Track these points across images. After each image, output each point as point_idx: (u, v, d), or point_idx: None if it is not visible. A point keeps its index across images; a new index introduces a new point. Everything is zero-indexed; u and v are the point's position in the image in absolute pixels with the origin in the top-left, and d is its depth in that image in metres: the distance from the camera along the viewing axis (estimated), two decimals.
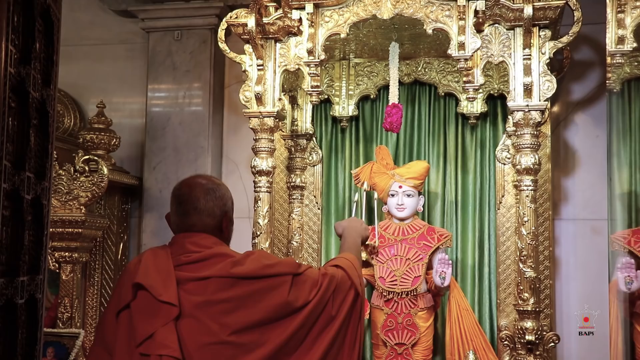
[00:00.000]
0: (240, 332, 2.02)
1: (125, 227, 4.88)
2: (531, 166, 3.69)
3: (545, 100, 3.66)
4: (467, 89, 3.75)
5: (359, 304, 2.26)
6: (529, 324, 3.65)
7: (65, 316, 3.99)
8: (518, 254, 3.76)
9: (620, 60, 3.51)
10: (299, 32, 3.83)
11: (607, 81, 3.72)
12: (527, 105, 3.63)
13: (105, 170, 4.07)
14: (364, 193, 3.95)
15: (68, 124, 5.02)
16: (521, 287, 3.70)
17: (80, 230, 4.01)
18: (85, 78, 5.22)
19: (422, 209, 4.27)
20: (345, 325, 2.19)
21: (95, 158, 4.13)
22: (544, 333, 3.71)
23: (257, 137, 4.00)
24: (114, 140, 4.60)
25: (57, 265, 4.09)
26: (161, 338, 1.97)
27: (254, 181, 4.02)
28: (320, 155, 4.68)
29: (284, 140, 4.59)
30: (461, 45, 3.57)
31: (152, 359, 1.95)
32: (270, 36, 3.87)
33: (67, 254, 4.03)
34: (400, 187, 4.15)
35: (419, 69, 4.53)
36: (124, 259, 4.81)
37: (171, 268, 2.08)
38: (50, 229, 2.94)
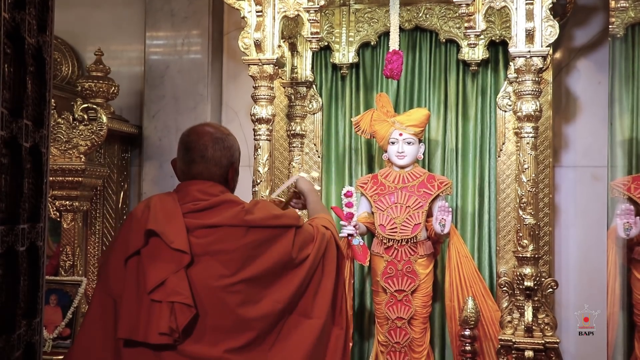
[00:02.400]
0: (249, 280, 2.04)
1: (126, 175, 4.88)
2: (532, 113, 3.67)
3: (547, 46, 3.63)
4: (469, 35, 3.71)
5: (343, 264, 2.38)
6: (527, 270, 3.68)
7: (67, 264, 4.02)
8: (518, 201, 3.77)
9: (624, 5, 3.47)
10: None
11: (610, 26, 3.69)
12: (529, 52, 3.60)
13: (105, 119, 4.05)
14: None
15: (66, 72, 4.98)
16: (520, 234, 3.72)
17: (80, 179, 4.01)
18: (82, 25, 5.16)
19: (422, 156, 4.26)
20: (336, 283, 2.28)
21: (94, 106, 4.11)
22: (543, 279, 3.74)
23: (257, 85, 3.98)
24: (113, 88, 4.57)
25: (58, 213, 4.10)
26: (173, 285, 1.98)
27: (253, 129, 4.01)
28: (320, 103, 4.65)
29: (284, 88, 4.57)
30: None
31: (163, 305, 1.97)
32: None
33: (67, 202, 4.04)
34: (400, 134, 4.14)
35: (420, 14, 4.48)
36: (125, 208, 4.82)
37: (180, 215, 2.08)
38: (50, 178, 2.95)
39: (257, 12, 3.86)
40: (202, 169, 2.19)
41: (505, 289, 3.84)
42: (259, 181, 3.97)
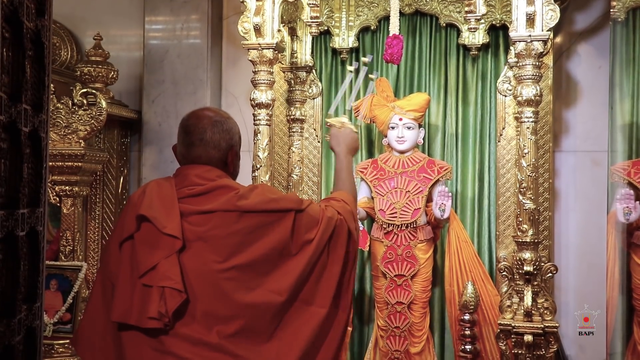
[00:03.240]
0: (242, 267, 2.03)
1: (125, 160, 4.87)
2: (532, 98, 3.66)
3: (548, 30, 3.61)
4: (469, 20, 3.70)
5: (352, 251, 2.28)
6: (527, 255, 3.68)
7: (67, 249, 4.03)
8: (518, 186, 3.76)
9: None
10: None
11: (611, 10, 3.68)
12: (530, 36, 3.58)
13: (104, 104, 4.04)
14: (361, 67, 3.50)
15: (65, 57, 4.96)
16: (520, 219, 3.72)
17: (80, 164, 4.00)
18: (81, 9, 5.14)
19: (422, 141, 4.26)
20: (343, 269, 2.22)
21: (94, 91, 4.10)
22: (542, 264, 3.74)
23: (256, 70, 3.97)
24: (112, 73, 4.56)
25: (58, 199, 4.10)
26: (164, 270, 1.98)
27: (253, 114, 4.01)
28: (320, 88, 4.64)
29: (284, 72, 4.55)
30: None
31: (154, 290, 1.97)
32: None
33: (67, 187, 4.04)
34: (400, 119, 4.13)
35: None
36: (125, 193, 4.82)
37: (175, 200, 2.08)
38: (50, 163, 2.94)
39: None
40: (200, 152, 2.19)
41: (504, 273, 3.85)
42: (258, 166, 3.96)
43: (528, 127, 3.70)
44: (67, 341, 3.71)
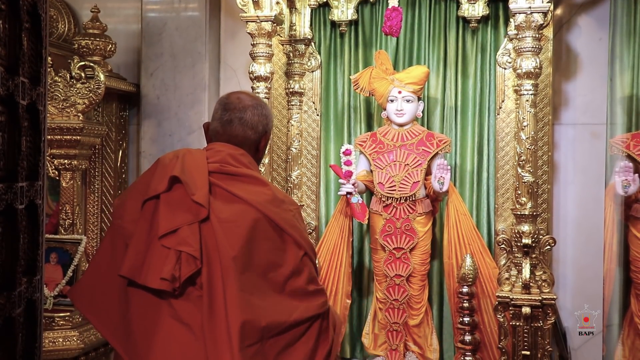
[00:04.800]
0: (244, 262, 2.03)
1: (124, 134, 4.86)
2: (532, 70, 3.66)
3: (548, 2, 3.60)
4: None
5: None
6: (525, 227, 3.70)
7: (67, 223, 4.03)
8: (517, 159, 3.77)
9: None
10: None
11: None
12: (530, 7, 3.57)
13: (102, 77, 4.02)
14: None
15: (62, 30, 4.92)
16: (519, 192, 3.73)
17: (78, 137, 3.99)
18: None
19: (421, 114, 4.25)
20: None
21: (91, 64, 4.08)
22: (541, 237, 3.76)
23: (255, 42, 3.95)
24: (110, 46, 4.53)
25: (57, 172, 4.10)
26: (185, 235, 1.99)
27: (252, 87, 4.00)
28: (319, 61, 4.62)
29: (282, 45, 4.53)
30: None
31: (171, 252, 1.98)
32: None
33: (66, 161, 4.03)
34: (399, 92, 4.12)
35: None
36: (124, 166, 4.82)
37: (206, 170, 2.10)
38: (48, 136, 2.94)
39: None
40: (239, 131, 2.22)
41: (503, 246, 3.87)
42: None
43: (527, 100, 3.69)
44: (68, 314, 3.74)
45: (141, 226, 2.06)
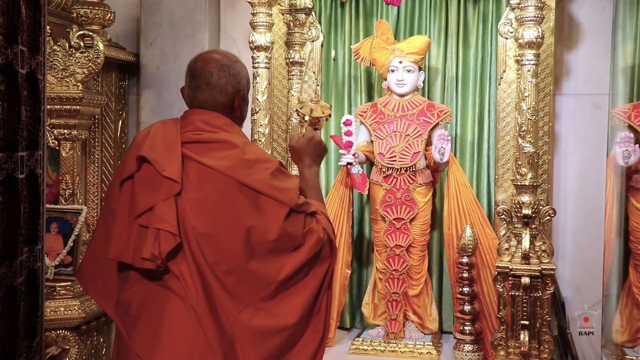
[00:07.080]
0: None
1: (124, 104, 4.84)
2: (534, 40, 3.63)
3: None
4: None
5: (330, 273, 2.23)
6: (526, 198, 3.70)
7: (67, 193, 4.03)
8: (517, 129, 3.76)
9: None
10: None
11: None
12: None
13: (101, 46, 4.00)
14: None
15: None
16: (519, 163, 3.73)
17: (78, 107, 3.98)
18: None
19: (422, 84, 4.23)
20: (319, 286, 2.18)
21: (90, 33, 4.05)
22: (541, 207, 3.76)
23: (255, 12, 3.92)
24: (109, 15, 4.50)
25: (56, 142, 4.09)
26: (160, 212, 2.00)
27: (252, 57, 3.98)
28: (320, 30, 4.58)
29: (283, 14, 4.49)
30: None
31: (149, 231, 1.99)
32: None
33: (66, 131, 4.03)
34: (400, 62, 4.10)
35: None
36: (124, 136, 4.80)
37: (178, 143, 2.08)
38: (48, 106, 2.93)
39: None
40: (207, 96, 2.19)
41: (503, 216, 3.87)
42: (257, 109, 3.95)
43: (529, 70, 3.68)
44: (69, 283, 3.76)
45: (122, 207, 2.08)
